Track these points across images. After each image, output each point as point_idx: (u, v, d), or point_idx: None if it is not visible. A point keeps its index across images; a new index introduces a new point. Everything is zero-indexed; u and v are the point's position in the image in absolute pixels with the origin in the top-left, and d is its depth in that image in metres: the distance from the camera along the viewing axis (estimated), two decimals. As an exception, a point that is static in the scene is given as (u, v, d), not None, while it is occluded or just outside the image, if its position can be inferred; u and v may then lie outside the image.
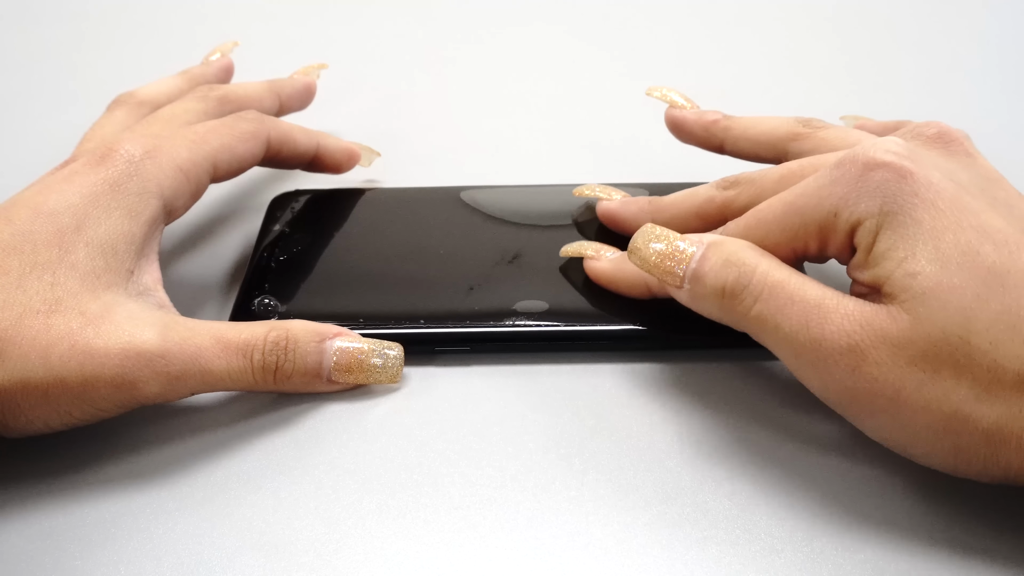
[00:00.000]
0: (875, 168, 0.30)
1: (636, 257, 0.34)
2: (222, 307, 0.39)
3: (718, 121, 0.41)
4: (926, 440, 0.28)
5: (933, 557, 0.29)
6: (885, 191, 0.29)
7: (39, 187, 0.34)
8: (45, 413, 0.31)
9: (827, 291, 0.30)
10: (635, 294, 0.36)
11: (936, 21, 0.62)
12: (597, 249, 0.38)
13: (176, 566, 0.29)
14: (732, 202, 0.36)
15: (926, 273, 0.28)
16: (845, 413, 0.30)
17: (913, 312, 0.28)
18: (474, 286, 0.38)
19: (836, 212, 0.30)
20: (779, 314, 0.30)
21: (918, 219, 0.29)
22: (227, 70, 0.47)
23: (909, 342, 0.28)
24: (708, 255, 0.32)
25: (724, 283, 0.31)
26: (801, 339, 0.29)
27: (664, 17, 0.64)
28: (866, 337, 0.28)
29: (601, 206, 0.40)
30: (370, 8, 0.66)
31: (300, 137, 0.42)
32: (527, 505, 0.31)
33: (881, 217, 0.29)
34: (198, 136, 0.37)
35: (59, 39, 0.63)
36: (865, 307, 0.29)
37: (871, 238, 0.30)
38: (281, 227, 0.42)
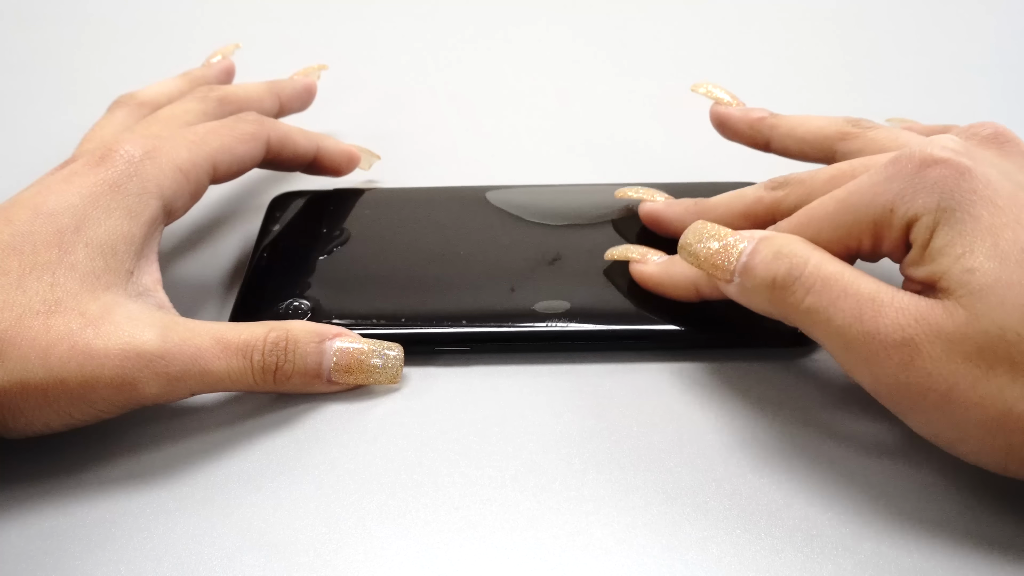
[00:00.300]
0: (932, 164, 0.30)
1: (686, 252, 0.34)
2: (222, 307, 0.39)
3: (764, 119, 0.40)
4: (977, 438, 0.28)
5: (932, 556, 0.29)
6: (943, 187, 0.29)
7: (38, 188, 0.34)
8: (45, 414, 0.31)
9: (881, 285, 0.30)
10: (683, 296, 0.36)
11: (936, 21, 0.62)
12: (643, 253, 0.37)
13: (176, 566, 0.29)
14: (781, 202, 0.35)
15: (984, 269, 0.28)
16: (895, 408, 0.30)
17: (970, 308, 0.28)
18: (477, 285, 0.38)
19: (892, 208, 0.30)
20: (832, 307, 0.30)
21: (976, 215, 0.29)
22: (228, 72, 0.47)
23: (965, 337, 0.28)
24: (759, 248, 0.32)
25: (775, 275, 0.31)
26: (854, 332, 0.29)
27: (664, 17, 0.64)
28: (921, 332, 0.28)
29: (645, 207, 0.40)
30: (370, 8, 0.66)
31: (300, 139, 0.42)
32: (527, 505, 0.31)
33: (939, 213, 0.29)
34: (198, 137, 0.37)
35: (59, 39, 0.63)
36: (920, 302, 0.29)
37: (928, 234, 0.29)
38: (281, 227, 0.42)
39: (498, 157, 0.50)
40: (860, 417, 0.33)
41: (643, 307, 0.37)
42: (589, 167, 0.48)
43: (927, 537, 0.30)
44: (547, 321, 0.36)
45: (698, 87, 0.43)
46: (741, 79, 0.56)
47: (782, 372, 0.35)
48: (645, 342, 0.36)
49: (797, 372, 0.35)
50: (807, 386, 0.35)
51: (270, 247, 0.41)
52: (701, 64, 0.59)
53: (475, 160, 0.49)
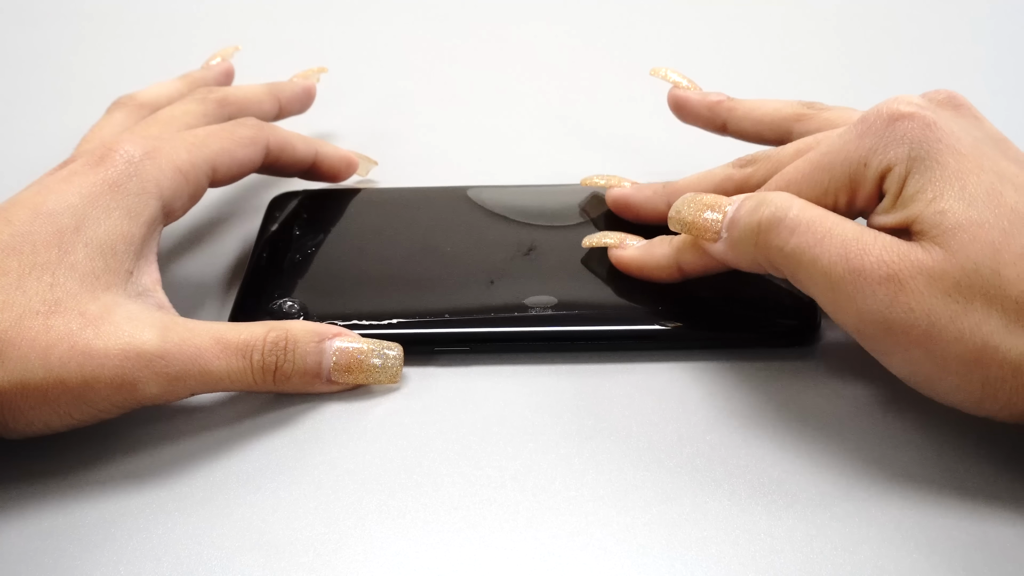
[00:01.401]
0: (900, 118, 0.31)
1: (676, 220, 0.35)
2: (222, 307, 0.39)
3: (722, 102, 0.41)
4: (956, 372, 0.29)
5: (933, 555, 0.29)
6: (912, 138, 0.31)
7: (38, 188, 0.34)
8: (45, 414, 0.31)
9: (864, 227, 0.31)
10: (665, 276, 0.37)
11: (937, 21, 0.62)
12: (621, 238, 0.38)
13: (176, 566, 0.29)
14: (750, 179, 0.37)
15: (955, 210, 0.30)
16: (877, 348, 0.31)
17: (945, 245, 0.29)
18: (478, 285, 0.38)
19: (866, 162, 0.32)
20: (817, 246, 0.31)
21: (943, 163, 0.30)
22: (228, 74, 0.47)
23: (943, 273, 0.29)
24: (744, 203, 0.33)
25: (759, 220, 0.32)
26: (840, 270, 0.30)
27: (664, 17, 0.64)
28: (904, 267, 0.29)
29: (612, 193, 0.41)
30: (370, 8, 0.66)
31: (299, 144, 0.42)
32: (527, 505, 0.31)
33: (909, 162, 0.31)
34: (198, 139, 0.37)
35: (59, 39, 0.63)
36: (901, 242, 0.30)
37: (900, 183, 0.31)
38: (280, 227, 0.42)
39: (498, 157, 0.50)
40: (861, 417, 0.33)
41: (645, 305, 0.37)
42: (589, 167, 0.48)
43: (932, 536, 0.29)
44: (546, 318, 0.36)
45: (656, 71, 0.44)
46: (740, 78, 0.56)
47: (782, 372, 0.35)
48: (642, 341, 0.36)
49: (797, 372, 0.35)
50: (807, 386, 0.35)
51: (269, 247, 0.41)
52: (701, 63, 0.59)
53: (474, 160, 0.49)
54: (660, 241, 0.37)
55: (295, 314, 0.37)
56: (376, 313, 0.37)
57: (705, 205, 0.34)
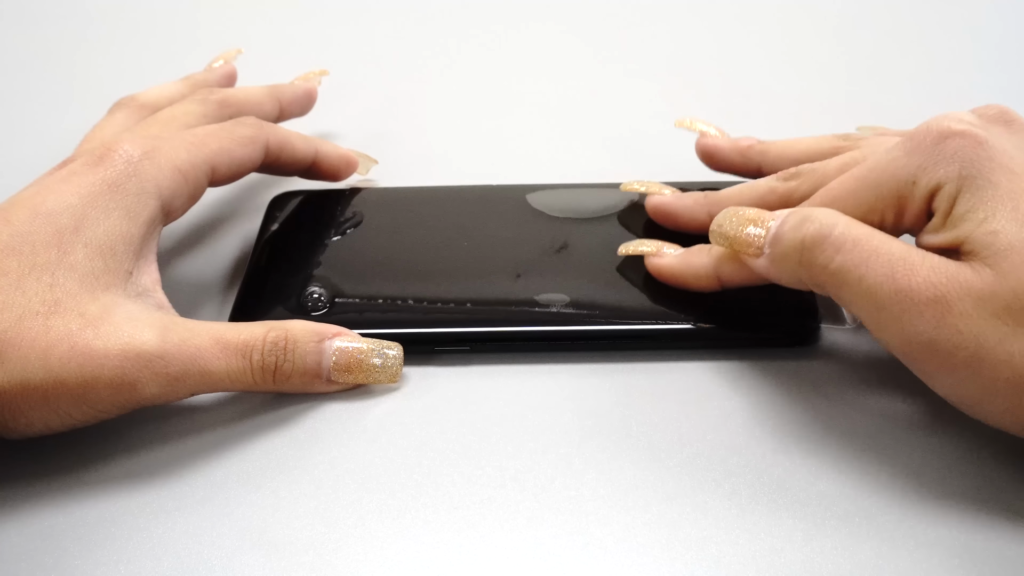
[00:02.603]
0: (951, 136, 0.31)
1: (718, 235, 0.34)
2: (222, 307, 0.39)
3: (753, 146, 0.41)
4: (1004, 396, 0.29)
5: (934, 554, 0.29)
6: (962, 157, 0.30)
7: (37, 188, 0.34)
8: (45, 414, 0.31)
9: (911, 247, 0.31)
10: (704, 286, 0.36)
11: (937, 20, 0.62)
12: (658, 246, 0.38)
13: (176, 565, 0.29)
14: (793, 192, 0.36)
15: (1007, 231, 0.29)
16: (922, 369, 0.30)
17: (996, 267, 0.29)
18: (475, 284, 0.38)
19: (915, 180, 0.31)
20: (863, 265, 0.30)
21: (995, 182, 0.30)
22: (230, 77, 0.47)
23: (993, 295, 0.28)
24: (787, 218, 0.33)
25: (803, 236, 0.32)
26: (886, 290, 0.30)
27: (664, 17, 0.64)
28: (952, 289, 0.29)
29: (653, 200, 0.40)
30: (370, 9, 0.66)
31: (299, 143, 0.42)
32: (527, 505, 0.31)
33: (960, 181, 0.30)
34: (197, 139, 0.37)
35: (59, 39, 0.63)
36: (950, 262, 0.30)
37: (950, 202, 0.31)
38: (280, 227, 0.42)
39: (497, 157, 0.50)
40: (861, 416, 0.33)
41: (644, 304, 0.37)
42: (589, 167, 0.48)
43: (932, 535, 0.29)
44: (546, 318, 0.36)
45: (682, 122, 0.44)
46: (740, 78, 0.57)
47: (783, 372, 0.35)
48: (645, 341, 0.36)
49: (798, 371, 0.35)
50: (808, 385, 0.35)
51: (270, 247, 0.41)
52: (702, 63, 0.59)
53: (474, 160, 0.49)
54: (699, 250, 0.37)
55: (318, 305, 0.37)
56: (376, 312, 0.37)
57: (748, 220, 0.34)
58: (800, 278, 0.32)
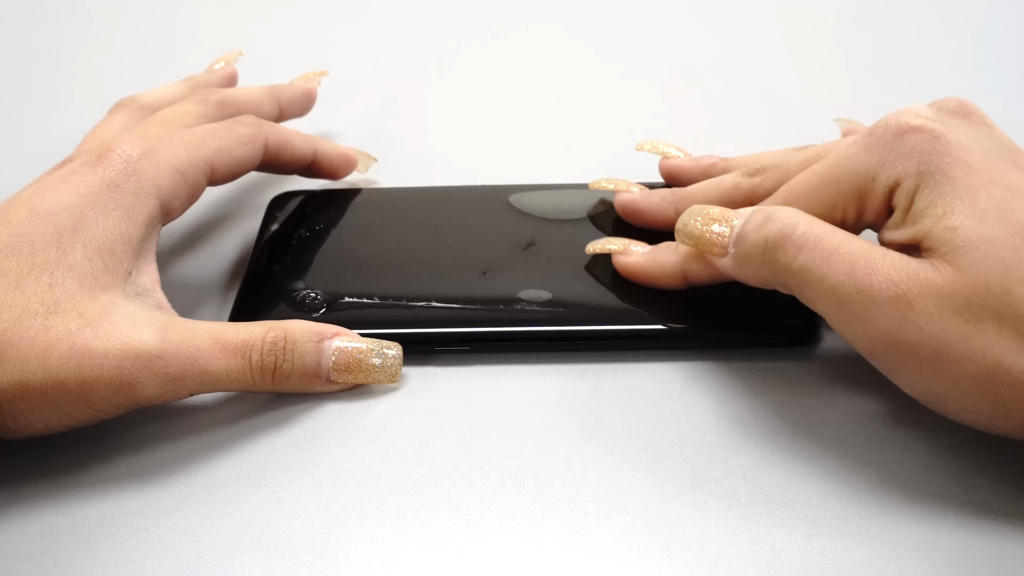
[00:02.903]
0: (909, 131, 0.31)
1: (684, 234, 0.34)
2: (221, 307, 0.39)
3: (715, 164, 0.41)
4: (967, 392, 0.29)
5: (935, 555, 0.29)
6: (920, 152, 0.31)
7: (36, 187, 0.34)
8: (44, 415, 0.31)
9: (872, 245, 0.31)
10: (670, 283, 0.36)
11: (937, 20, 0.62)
12: (625, 244, 0.38)
13: (176, 565, 0.29)
14: (758, 187, 0.36)
15: (965, 227, 0.29)
16: (887, 367, 0.31)
17: (955, 263, 0.29)
18: (479, 284, 0.38)
19: (874, 176, 0.31)
20: (824, 264, 0.30)
21: (953, 177, 0.30)
22: (231, 78, 0.47)
23: (954, 292, 0.29)
24: (750, 218, 0.33)
25: (766, 236, 0.32)
26: (848, 289, 0.30)
27: (664, 17, 0.64)
28: (913, 287, 0.29)
29: (620, 198, 0.40)
30: (370, 9, 0.66)
31: (298, 142, 0.42)
32: (527, 505, 0.31)
33: (919, 177, 0.30)
34: (196, 138, 0.37)
35: (59, 39, 0.63)
36: (910, 260, 0.30)
37: (909, 198, 0.31)
38: (280, 227, 0.42)
39: (497, 157, 0.50)
40: (860, 416, 0.33)
41: (641, 305, 0.37)
42: (589, 166, 0.48)
43: (932, 535, 0.29)
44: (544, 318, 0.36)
45: (643, 145, 0.43)
46: (740, 78, 0.56)
47: (783, 372, 0.35)
48: (641, 341, 0.36)
49: (798, 372, 0.35)
50: (808, 386, 0.35)
51: (270, 247, 0.41)
52: (701, 63, 0.59)
53: (474, 160, 0.49)
54: (665, 248, 0.37)
55: (318, 305, 0.37)
56: (375, 312, 0.37)
57: (712, 219, 0.34)
58: (764, 277, 0.33)
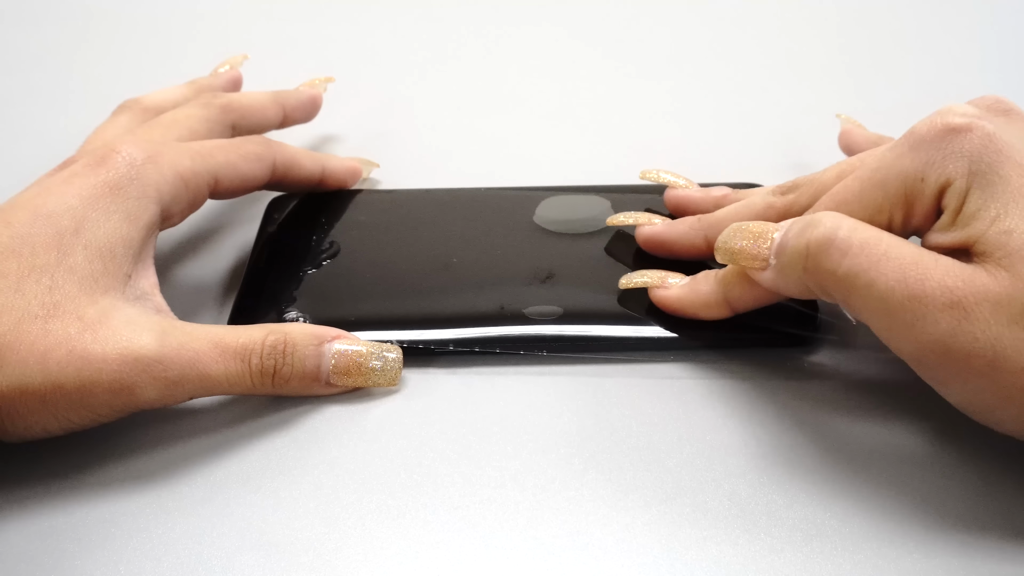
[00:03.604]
0: (957, 131, 0.30)
1: (723, 251, 0.33)
2: (221, 310, 0.39)
3: (727, 196, 0.39)
4: (1019, 403, 0.28)
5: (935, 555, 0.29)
6: (971, 151, 0.30)
7: (38, 189, 0.34)
8: (44, 418, 0.31)
9: (921, 249, 0.30)
10: (714, 315, 0.35)
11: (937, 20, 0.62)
12: (661, 277, 0.36)
13: (176, 566, 0.29)
14: (792, 206, 0.35)
15: (1021, 230, 0.28)
16: (935, 376, 0.30)
17: (1011, 269, 0.28)
18: (479, 288, 0.38)
19: (922, 177, 0.30)
20: (872, 270, 0.29)
21: (1006, 177, 0.29)
22: (235, 82, 0.47)
23: (1011, 299, 0.27)
24: (792, 226, 0.32)
25: (808, 241, 0.30)
26: (898, 296, 0.29)
27: (664, 17, 0.64)
28: (969, 293, 0.28)
29: (643, 232, 0.38)
30: (369, 9, 0.66)
31: (306, 162, 0.42)
32: (527, 505, 0.31)
33: (970, 177, 0.29)
34: (204, 149, 0.37)
35: (59, 40, 0.63)
36: (964, 266, 0.29)
37: (960, 199, 0.30)
38: (279, 229, 0.42)
39: (497, 158, 0.50)
40: (860, 416, 0.33)
41: (642, 308, 0.37)
42: (589, 167, 0.48)
43: (931, 537, 0.29)
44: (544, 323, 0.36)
45: (647, 174, 0.41)
46: (740, 78, 0.56)
47: (782, 372, 0.35)
48: (642, 343, 0.36)
49: (796, 372, 0.35)
50: (806, 386, 0.35)
51: (268, 250, 0.41)
52: (705, 62, 0.59)
53: (475, 161, 0.49)
54: (705, 277, 0.35)
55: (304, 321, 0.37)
56: (375, 316, 0.37)
57: (752, 234, 0.32)
58: (807, 286, 0.31)
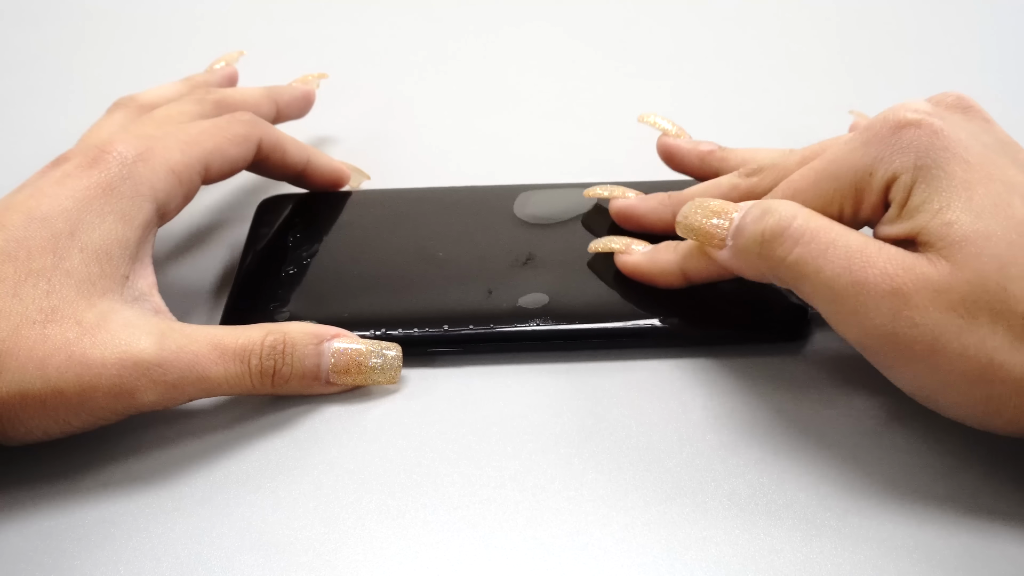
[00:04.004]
0: (907, 126, 0.31)
1: (684, 226, 0.34)
2: (212, 312, 0.39)
3: (713, 152, 0.41)
4: (959, 389, 0.29)
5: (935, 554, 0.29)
6: (918, 147, 0.31)
7: (31, 191, 0.34)
8: (44, 423, 0.31)
9: (868, 238, 0.31)
10: (670, 282, 0.37)
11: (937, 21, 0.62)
12: (627, 243, 0.38)
13: (175, 566, 0.29)
14: (755, 188, 0.36)
15: (962, 222, 0.29)
16: (881, 361, 0.31)
17: (951, 258, 0.29)
18: (471, 287, 0.38)
19: (871, 171, 0.31)
20: (820, 257, 0.30)
21: (950, 172, 0.30)
22: (231, 78, 0.47)
23: (948, 287, 0.29)
24: (750, 210, 0.33)
25: (763, 229, 0.32)
26: (843, 282, 0.30)
27: (664, 17, 0.64)
28: (909, 281, 0.29)
29: (616, 204, 0.40)
30: (368, 9, 0.66)
31: (291, 147, 0.42)
32: (527, 505, 0.31)
33: (916, 171, 0.30)
34: (190, 137, 0.37)
35: (59, 39, 0.63)
36: (907, 254, 0.30)
37: (906, 192, 0.31)
38: (270, 230, 0.42)
39: (494, 158, 0.49)
40: (860, 414, 0.33)
41: (632, 303, 0.37)
42: (588, 167, 0.48)
43: (931, 535, 0.29)
44: (535, 318, 0.36)
45: (644, 118, 0.43)
46: (740, 78, 0.56)
47: (783, 371, 0.35)
48: (633, 339, 0.36)
49: (796, 368, 0.35)
50: (806, 382, 0.35)
51: (259, 251, 0.41)
52: (702, 62, 0.59)
53: (472, 161, 0.49)
54: (666, 247, 0.37)
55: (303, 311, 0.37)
56: (366, 315, 0.37)
57: (712, 211, 0.34)
58: (761, 271, 0.33)
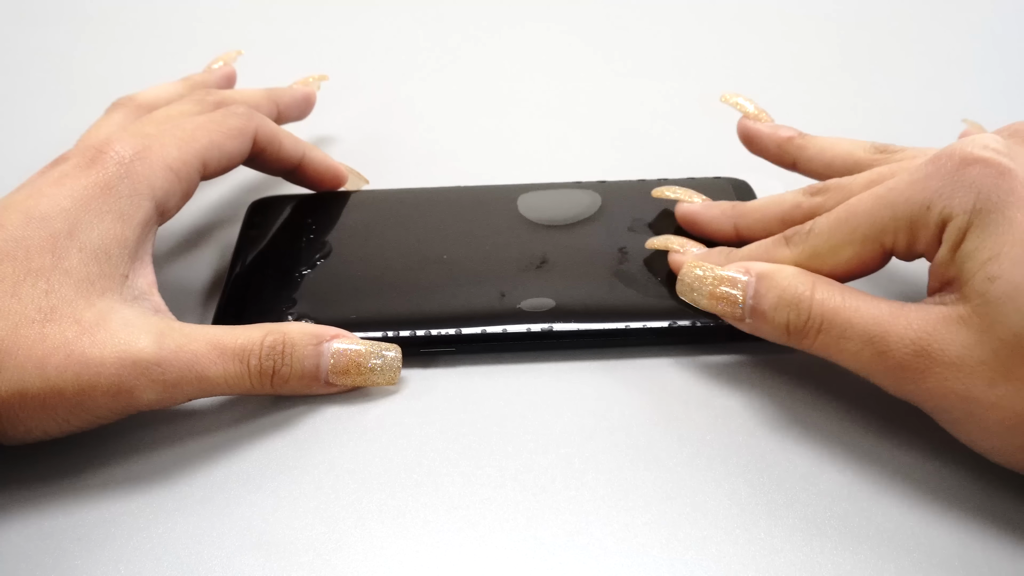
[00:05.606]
0: (972, 163, 0.30)
1: (689, 298, 0.35)
2: (204, 313, 0.39)
3: (792, 139, 0.40)
4: (997, 436, 0.29)
5: (934, 554, 0.29)
6: (980, 186, 0.29)
7: (29, 190, 0.34)
8: (43, 422, 0.31)
9: (883, 305, 0.31)
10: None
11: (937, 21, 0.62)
12: (683, 244, 0.38)
13: (176, 566, 0.29)
14: (819, 208, 0.35)
15: (1006, 277, 0.28)
16: (923, 408, 0.31)
17: (985, 316, 0.28)
18: (463, 286, 0.38)
19: (929, 206, 0.30)
20: (842, 338, 0.31)
21: (1010, 218, 0.29)
22: (229, 78, 0.47)
23: (979, 344, 0.28)
24: (762, 292, 0.33)
25: (786, 322, 0.32)
26: (867, 356, 0.30)
27: (664, 17, 0.64)
28: (933, 342, 0.29)
29: (681, 208, 0.40)
30: (368, 9, 0.66)
31: (287, 141, 0.41)
32: (527, 505, 0.31)
33: (973, 215, 0.29)
34: (187, 134, 0.37)
35: (59, 39, 0.63)
36: (930, 312, 0.30)
37: (959, 236, 0.30)
38: (261, 232, 0.42)
39: (495, 158, 0.50)
40: (860, 414, 0.33)
41: (637, 304, 0.37)
42: (588, 167, 0.48)
43: (931, 534, 0.29)
44: (533, 321, 0.36)
45: (728, 98, 0.43)
46: (740, 78, 0.57)
47: (781, 368, 0.35)
48: (640, 338, 0.36)
49: (796, 368, 0.35)
50: (806, 383, 0.35)
51: (250, 252, 0.41)
52: (700, 63, 0.59)
53: (474, 161, 0.49)
54: (718, 253, 0.37)
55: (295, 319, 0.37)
56: (360, 316, 0.37)
57: (718, 283, 0.34)
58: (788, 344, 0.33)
